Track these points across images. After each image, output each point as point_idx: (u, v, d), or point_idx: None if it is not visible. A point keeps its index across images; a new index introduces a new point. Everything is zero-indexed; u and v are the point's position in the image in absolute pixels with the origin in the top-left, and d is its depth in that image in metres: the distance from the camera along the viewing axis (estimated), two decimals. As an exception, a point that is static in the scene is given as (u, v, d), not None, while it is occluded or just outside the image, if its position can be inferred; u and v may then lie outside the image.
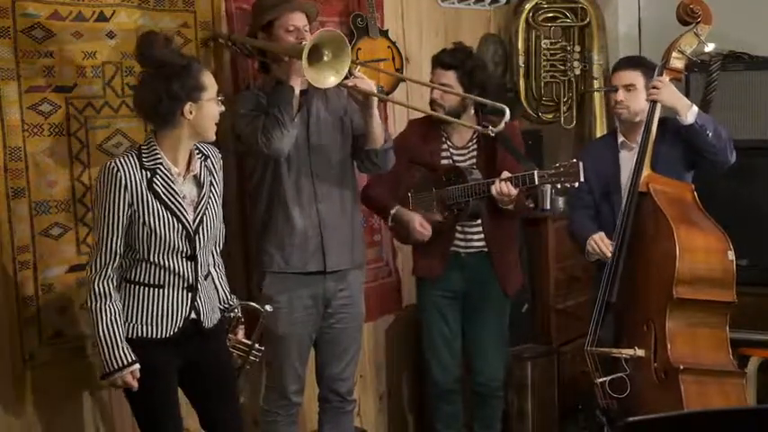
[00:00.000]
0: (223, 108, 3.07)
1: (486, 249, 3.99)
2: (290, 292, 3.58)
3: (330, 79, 3.34)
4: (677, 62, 3.75)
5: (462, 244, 3.99)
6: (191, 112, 2.98)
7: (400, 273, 4.51)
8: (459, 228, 3.97)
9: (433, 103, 3.91)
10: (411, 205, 3.99)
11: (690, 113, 3.68)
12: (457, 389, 4.13)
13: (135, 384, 2.98)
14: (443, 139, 4.01)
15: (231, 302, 3.30)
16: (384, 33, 4.40)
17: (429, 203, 3.95)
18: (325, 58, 3.32)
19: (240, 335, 3.36)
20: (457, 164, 3.97)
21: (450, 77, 3.88)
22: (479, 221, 3.95)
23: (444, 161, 4.00)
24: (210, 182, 3.11)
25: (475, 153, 4.00)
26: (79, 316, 3.42)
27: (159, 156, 2.99)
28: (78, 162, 3.42)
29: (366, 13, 4.30)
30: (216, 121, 3.05)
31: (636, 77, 3.80)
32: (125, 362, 2.96)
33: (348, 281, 3.69)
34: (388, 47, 4.41)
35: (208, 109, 3.00)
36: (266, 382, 3.77)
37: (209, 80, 3.02)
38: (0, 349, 3.25)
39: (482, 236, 3.98)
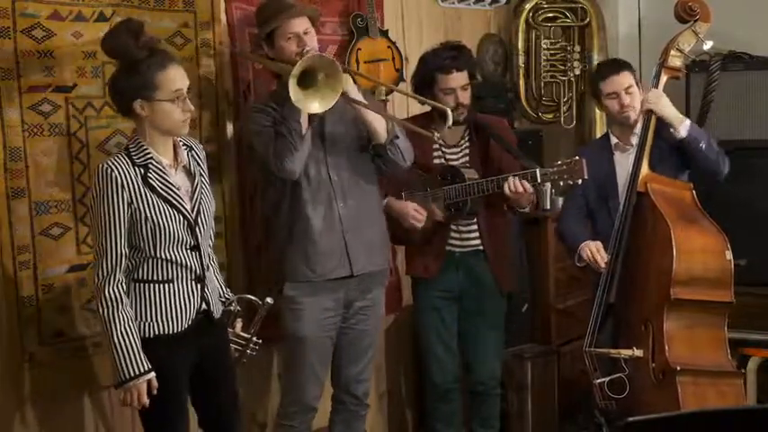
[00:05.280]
0: (191, 108, 2.98)
1: (481, 247, 3.99)
2: (314, 296, 3.56)
3: (315, 104, 3.30)
4: (676, 60, 3.76)
5: (458, 243, 3.99)
6: (142, 108, 2.94)
7: (400, 273, 4.51)
8: (454, 226, 3.97)
9: (460, 106, 3.90)
10: None
11: (682, 127, 3.69)
12: (455, 388, 4.13)
13: (146, 400, 2.92)
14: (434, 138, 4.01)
15: (228, 296, 3.28)
16: (384, 33, 4.40)
17: (424, 203, 3.94)
18: (320, 81, 3.29)
19: (238, 328, 3.34)
20: (450, 162, 3.97)
21: (465, 77, 3.90)
22: (475, 220, 3.95)
23: (437, 160, 4.00)
24: (200, 172, 3.10)
25: (467, 151, 4.00)
26: (79, 316, 3.43)
27: (148, 150, 2.98)
28: (78, 162, 3.42)
29: (366, 13, 4.29)
30: (183, 119, 2.97)
31: (630, 78, 3.80)
32: (141, 369, 2.90)
33: (373, 283, 3.67)
34: (388, 47, 4.41)
35: (162, 108, 2.93)
36: (283, 389, 3.76)
37: (166, 78, 2.92)
38: (0, 349, 3.25)
39: (477, 234, 3.98)
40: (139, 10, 3.53)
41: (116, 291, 2.91)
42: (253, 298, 3.32)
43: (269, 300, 3.34)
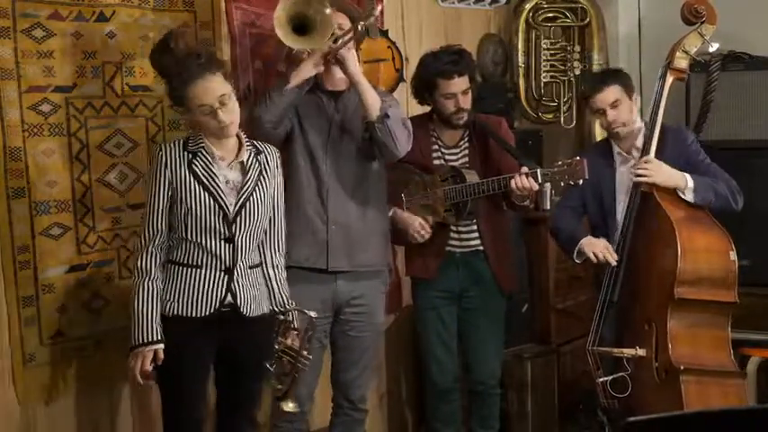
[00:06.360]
0: (222, 120, 3.03)
1: (481, 248, 3.98)
2: (292, 289, 3.54)
3: (290, 41, 3.37)
4: (682, 62, 3.75)
5: (457, 243, 3.98)
6: (185, 114, 3.11)
7: (400, 273, 4.51)
8: (453, 227, 3.96)
9: (460, 110, 3.89)
10: (405, 207, 3.98)
11: (687, 191, 3.62)
12: (455, 388, 4.12)
13: (148, 368, 3.02)
14: (434, 139, 4.00)
15: (286, 306, 3.30)
16: (384, 33, 4.40)
17: (425, 204, 3.94)
18: (317, 27, 3.36)
19: (290, 340, 3.31)
20: (450, 163, 3.97)
21: (466, 81, 3.90)
22: (474, 221, 3.95)
23: (436, 161, 3.99)
24: (260, 173, 3.17)
25: (467, 152, 3.99)
26: (79, 316, 3.43)
27: (203, 141, 3.10)
28: (78, 162, 3.42)
29: (366, 13, 4.29)
30: (220, 126, 3.04)
31: (617, 92, 3.74)
32: (151, 338, 3.03)
33: (363, 288, 3.63)
34: (388, 47, 4.41)
35: (197, 117, 3.06)
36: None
37: (191, 94, 3.02)
38: (0, 349, 3.25)
39: (477, 234, 3.97)
40: (140, 10, 3.54)
41: (148, 262, 3.07)
42: (304, 311, 3.31)
43: (313, 314, 3.31)
